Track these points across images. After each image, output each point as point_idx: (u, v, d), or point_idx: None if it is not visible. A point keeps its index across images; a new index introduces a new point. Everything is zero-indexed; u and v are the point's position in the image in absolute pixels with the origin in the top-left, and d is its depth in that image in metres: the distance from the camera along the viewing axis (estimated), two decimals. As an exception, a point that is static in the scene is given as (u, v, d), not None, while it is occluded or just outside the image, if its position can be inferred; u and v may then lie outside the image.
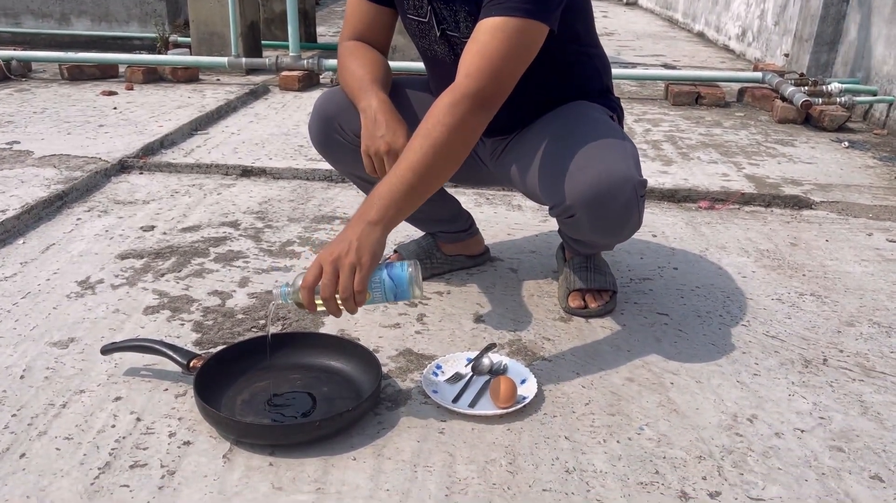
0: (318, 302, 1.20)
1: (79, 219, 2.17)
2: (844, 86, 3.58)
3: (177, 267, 1.88)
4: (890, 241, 2.16)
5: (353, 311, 1.20)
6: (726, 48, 6.09)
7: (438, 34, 1.47)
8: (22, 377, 1.39)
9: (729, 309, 1.73)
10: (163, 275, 1.83)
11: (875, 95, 3.51)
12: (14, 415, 1.28)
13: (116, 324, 1.59)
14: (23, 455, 1.18)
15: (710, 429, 1.30)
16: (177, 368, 1.38)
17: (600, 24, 7.87)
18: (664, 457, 1.22)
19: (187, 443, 1.22)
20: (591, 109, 1.52)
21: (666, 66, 5.26)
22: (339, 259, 1.17)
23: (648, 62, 5.38)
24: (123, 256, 1.93)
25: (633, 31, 7.37)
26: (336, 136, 1.58)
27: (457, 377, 1.40)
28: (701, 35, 6.90)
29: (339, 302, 1.19)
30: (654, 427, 1.30)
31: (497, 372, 1.41)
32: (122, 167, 2.62)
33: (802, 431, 1.30)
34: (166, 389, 1.37)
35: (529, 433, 1.27)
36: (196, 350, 1.49)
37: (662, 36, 7.06)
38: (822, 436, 1.29)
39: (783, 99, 3.63)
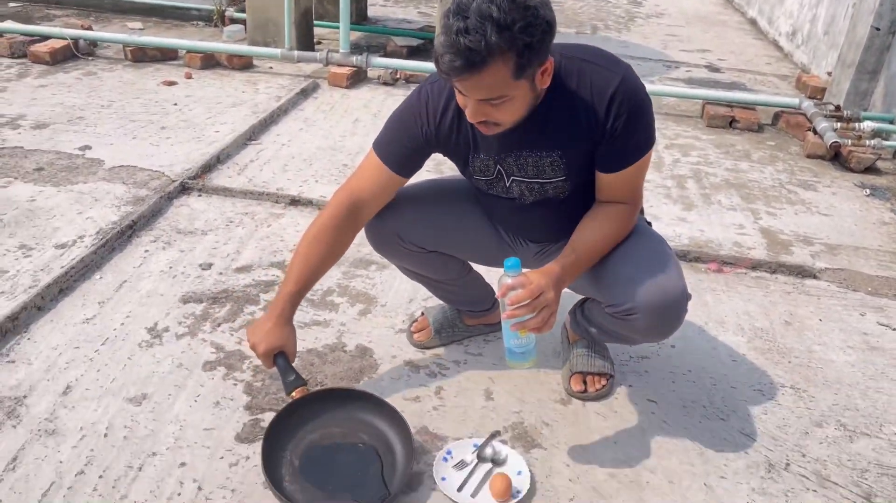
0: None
1: (146, 251, 2.45)
2: (877, 125, 3.64)
3: (231, 316, 2.15)
4: (880, 325, 2.33)
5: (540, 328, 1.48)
6: (775, 44, 6.04)
7: (508, 184, 1.67)
8: (105, 435, 1.69)
9: (713, 399, 1.95)
10: (219, 325, 2.10)
11: (906, 138, 3.58)
12: (101, 477, 1.58)
13: (180, 380, 1.88)
14: (110, 519, 1.48)
15: (671, 536, 1.54)
16: (233, 438, 1.66)
17: (652, 2, 7.78)
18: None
19: (239, 516, 1.51)
20: (640, 222, 1.74)
21: (710, 66, 5.29)
22: (551, 291, 1.48)
23: (692, 61, 5.40)
24: (185, 300, 2.20)
25: (685, 12, 7.29)
26: (395, 245, 1.79)
27: (462, 464, 1.66)
28: (753, 22, 6.81)
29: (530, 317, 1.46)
30: (624, 529, 1.55)
31: (498, 461, 1.67)
32: (183, 188, 2.87)
33: (749, 544, 1.53)
34: (222, 457, 1.65)
35: (518, 528, 1.54)
36: (247, 415, 1.76)
37: (713, 20, 6.99)
38: (765, 550, 1.52)
39: (815, 132, 3.71)
